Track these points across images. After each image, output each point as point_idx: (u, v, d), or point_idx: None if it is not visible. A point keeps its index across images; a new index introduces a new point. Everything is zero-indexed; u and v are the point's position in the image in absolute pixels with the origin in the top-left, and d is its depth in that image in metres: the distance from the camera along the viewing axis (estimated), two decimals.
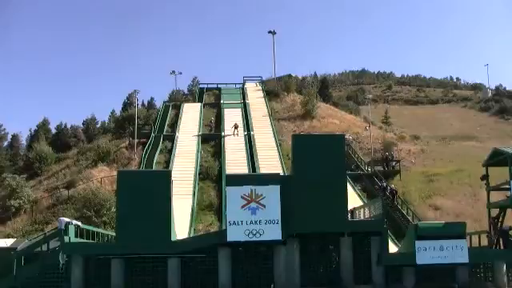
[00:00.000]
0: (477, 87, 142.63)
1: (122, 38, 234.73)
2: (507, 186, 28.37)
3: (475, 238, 28.87)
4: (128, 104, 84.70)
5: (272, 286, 24.25)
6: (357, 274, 24.74)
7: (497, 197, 31.11)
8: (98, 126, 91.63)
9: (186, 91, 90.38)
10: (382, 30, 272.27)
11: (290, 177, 26.81)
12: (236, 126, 54.38)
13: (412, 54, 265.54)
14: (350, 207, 27.67)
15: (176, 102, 70.63)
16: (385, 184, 42.96)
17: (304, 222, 24.37)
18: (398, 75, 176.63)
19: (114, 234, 27.97)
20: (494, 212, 30.25)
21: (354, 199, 36.18)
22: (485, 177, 30.87)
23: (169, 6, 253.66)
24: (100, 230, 30.35)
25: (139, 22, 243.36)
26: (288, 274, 24.41)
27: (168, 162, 48.18)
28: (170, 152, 51.12)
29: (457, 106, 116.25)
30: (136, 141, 54.01)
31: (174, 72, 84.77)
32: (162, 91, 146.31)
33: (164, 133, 56.83)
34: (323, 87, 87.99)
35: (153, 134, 55.69)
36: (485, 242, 28.70)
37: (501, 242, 27.94)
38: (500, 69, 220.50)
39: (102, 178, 44.96)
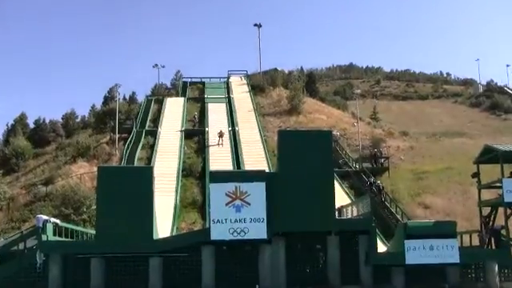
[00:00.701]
0: (467, 82, 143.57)
1: (103, 29, 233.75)
2: (499, 184, 28.31)
3: (466, 238, 28.91)
4: (109, 98, 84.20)
5: (257, 286, 24.18)
6: (344, 274, 24.71)
7: (488, 195, 31.23)
8: (78, 120, 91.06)
9: (169, 85, 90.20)
10: (370, 23, 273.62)
11: (275, 174, 26.74)
12: (221, 135, 51.13)
13: (401, 49, 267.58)
14: (337, 205, 27.66)
15: (159, 96, 70.39)
16: (372, 179, 43.13)
17: (290, 221, 24.32)
18: (387, 70, 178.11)
19: (93, 232, 27.76)
20: (486, 211, 30.29)
21: (341, 197, 36.18)
22: (476, 174, 30.82)
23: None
24: (79, 229, 30.12)
25: (121, 13, 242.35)
26: (273, 273, 24.35)
27: (150, 158, 47.99)
28: (152, 148, 50.92)
29: (447, 101, 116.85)
30: (117, 136, 53.72)
31: (156, 65, 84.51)
32: (145, 85, 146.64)
33: (146, 128, 56.61)
34: (310, 82, 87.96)
35: (135, 129, 55.43)
36: (476, 241, 28.67)
37: (492, 242, 27.94)
38: (491, 64, 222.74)
39: (82, 175, 44.66)
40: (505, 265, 26.25)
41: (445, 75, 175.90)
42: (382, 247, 29.84)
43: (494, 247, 27.64)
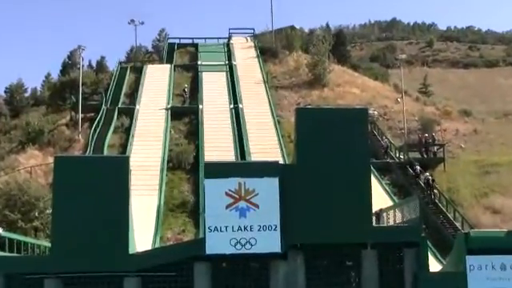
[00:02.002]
0: None
1: None
2: None
3: None
4: (69, 65, 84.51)
5: None
6: None
7: None
8: (28, 95, 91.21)
9: (150, 48, 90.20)
10: None
11: (292, 166, 26.69)
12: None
13: None
14: (375, 208, 27.63)
15: (136, 62, 70.55)
16: (419, 169, 43.17)
17: (312, 229, 24.25)
18: (443, 27, 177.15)
19: (48, 244, 27.86)
20: None
21: (380, 197, 36.34)
22: None
23: None
24: (29, 240, 30.22)
25: None
26: None
27: (125, 145, 48.15)
28: (127, 131, 51.02)
29: None
30: (80, 116, 53.79)
31: (133, 21, 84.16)
32: (118, 48, 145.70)
33: (120, 105, 56.75)
34: (338, 44, 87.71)
35: (104, 107, 55.55)
36: None
37: None
38: None
39: (33, 168, 44.82)
40: None
41: None
42: (435, 265, 29.94)
43: None
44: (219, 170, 25.54)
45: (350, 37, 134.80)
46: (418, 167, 43.76)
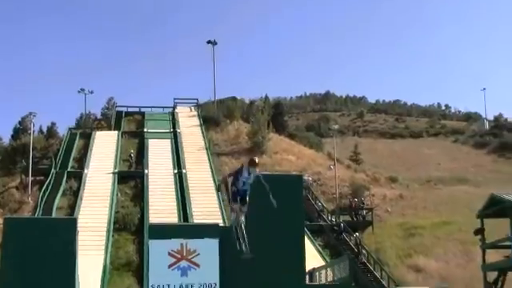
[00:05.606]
0: (471, 117, 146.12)
1: (13, 41, 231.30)
2: (507, 243, 28.66)
3: None
4: (20, 130, 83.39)
5: None
6: None
7: (495, 257, 31.68)
8: None
9: (99, 116, 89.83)
10: (352, 44, 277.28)
11: (231, 228, 26.81)
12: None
13: (389, 75, 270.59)
14: (308, 267, 27.84)
15: (85, 129, 70.09)
16: (342, 225, 43.95)
17: (249, 287, 24.33)
18: (372, 101, 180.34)
19: None
20: (492, 276, 30.64)
21: (313, 257, 36.42)
22: (479, 231, 31.24)
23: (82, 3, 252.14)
24: None
25: (38, 20, 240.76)
26: None
27: (73, 207, 47.58)
28: (75, 194, 50.50)
29: (446, 140, 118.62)
30: (30, 179, 53.17)
31: (83, 90, 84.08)
32: (68, 115, 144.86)
33: (69, 169, 56.17)
34: (277, 114, 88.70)
35: (53, 171, 54.96)
36: None
37: None
38: (500, 95, 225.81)
39: None
40: None
41: (443, 108, 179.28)
42: None
43: None
44: (163, 231, 25.59)
45: (287, 107, 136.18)
46: (342, 223, 44.54)
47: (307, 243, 30.70)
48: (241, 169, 11.10)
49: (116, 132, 67.07)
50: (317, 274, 31.45)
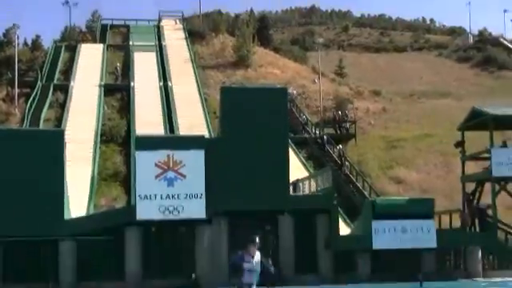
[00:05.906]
0: (455, 32, 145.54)
1: None
2: (486, 155, 28.85)
3: (445, 218, 29.90)
4: (5, 43, 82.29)
5: (193, 275, 24.67)
6: (299, 261, 25.40)
7: (474, 168, 32.15)
8: None
9: (83, 28, 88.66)
10: None
11: (217, 140, 27.21)
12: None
13: None
14: (292, 178, 28.28)
15: (71, 41, 69.25)
16: (325, 137, 44.51)
17: (234, 197, 24.74)
18: (357, 15, 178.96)
19: None
20: (470, 187, 31.06)
21: (297, 169, 36.80)
22: (460, 143, 31.44)
23: None
24: None
25: None
26: (214, 260, 24.82)
27: (60, 120, 47.54)
28: (62, 106, 50.40)
29: (429, 54, 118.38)
30: (17, 91, 52.91)
31: (67, 3, 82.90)
32: (52, 27, 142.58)
33: (55, 81, 55.84)
34: (262, 28, 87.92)
35: (39, 83, 54.63)
36: (457, 222, 29.49)
37: (476, 223, 28.90)
38: (485, 9, 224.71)
39: None
40: (490, 250, 27.29)
41: (427, 22, 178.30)
42: (345, 229, 30.67)
43: (477, 230, 28.67)
44: (149, 142, 25.85)
45: (272, 21, 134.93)
46: (326, 137, 45.09)
47: (291, 155, 31.06)
48: (242, 256, 11.04)
49: (101, 45, 66.49)
50: (300, 184, 31.91)
